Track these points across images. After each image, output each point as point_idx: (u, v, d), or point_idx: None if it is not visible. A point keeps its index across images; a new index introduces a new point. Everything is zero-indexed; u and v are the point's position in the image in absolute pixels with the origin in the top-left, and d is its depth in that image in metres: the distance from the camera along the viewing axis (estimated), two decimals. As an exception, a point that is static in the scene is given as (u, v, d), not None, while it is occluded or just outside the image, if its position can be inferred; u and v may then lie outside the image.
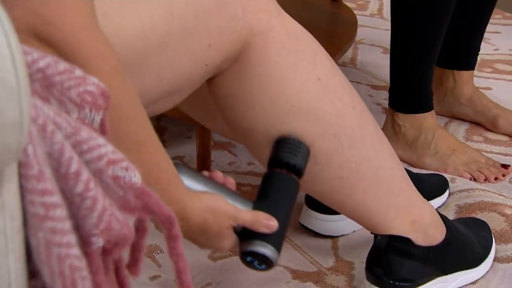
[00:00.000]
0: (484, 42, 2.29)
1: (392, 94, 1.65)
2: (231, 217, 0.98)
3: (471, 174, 1.58)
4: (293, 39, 1.06)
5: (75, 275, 0.63)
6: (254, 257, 1.02)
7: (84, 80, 0.71)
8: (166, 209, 0.70)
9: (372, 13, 2.50)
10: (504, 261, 1.33)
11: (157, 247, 1.36)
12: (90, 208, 0.65)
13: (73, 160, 0.65)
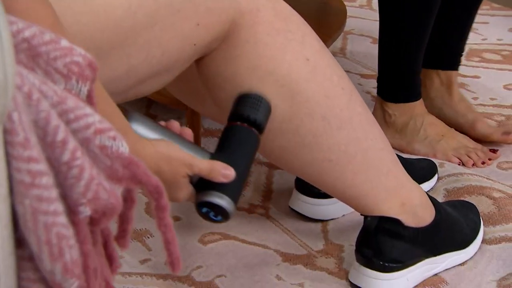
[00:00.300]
0: (473, 32, 2.29)
1: (380, 84, 1.64)
2: (187, 165, 0.93)
3: (459, 159, 1.58)
4: (282, 20, 1.05)
5: (62, 244, 0.62)
6: (210, 208, 0.98)
7: (71, 50, 0.70)
8: (154, 179, 0.69)
9: (361, 4, 2.49)
10: (492, 242, 1.32)
11: (147, 231, 1.35)
12: (77, 177, 0.64)
13: (59, 129, 0.64)
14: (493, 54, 2.17)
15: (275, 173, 1.53)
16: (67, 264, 0.63)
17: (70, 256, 0.63)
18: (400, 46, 1.57)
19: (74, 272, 0.63)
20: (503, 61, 2.13)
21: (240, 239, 1.33)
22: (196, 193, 0.98)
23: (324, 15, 1.94)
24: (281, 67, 1.05)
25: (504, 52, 2.19)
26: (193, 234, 1.34)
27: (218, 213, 0.98)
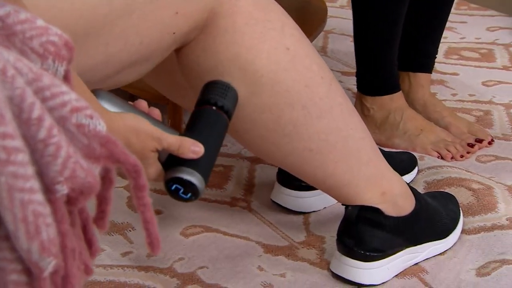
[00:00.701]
0: (451, 31, 2.31)
1: (359, 78, 1.64)
2: (155, 138, 0.90)
3: (438, 152, 1.58)
4: (260, 9, 1.04)
5: (39, 221, 0.61)
6: (179, 185, 0.94)
7: (47, 30, 0.68)
8: (132, 157, 0.67)
9: (342, 4, 2.50)
10: (471, 232, 1.32)
11: (129, 224, 1.34)
12: (54, 154, 0.63)
13: (35, 106, 0.62)
14: (472, 52, 2.18)
15: (257, 167, 1.52)
16: (44, 243, 0.61)
17: (47, 234, 0.61)
18: (373, 39, 1.57)
19: (51, 251, 0.62)
20: (481, 58, 2.13)
21: (222, 231, 1.32)
22: (165, 171, 0.95)
23: (305, 13, 1.93)
24: (261, 56, 1.03)
25: (482, 50, 2.19)
26: (175, 227, 1.33)
27: (188, 190, 0.95)
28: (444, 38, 2.12)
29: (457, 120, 1.67)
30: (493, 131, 1.70)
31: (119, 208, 1.38)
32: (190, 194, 0.95)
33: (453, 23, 2.37)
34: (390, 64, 1.59)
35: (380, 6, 1.55)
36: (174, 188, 0.95)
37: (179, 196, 0.95)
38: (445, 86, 1.94)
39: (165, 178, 0.95)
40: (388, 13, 1.55)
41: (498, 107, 1.83)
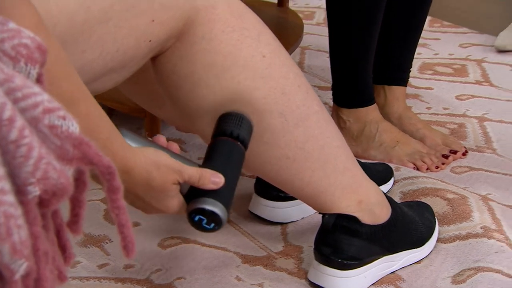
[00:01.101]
0: (425, 48, 2.31)
1: (335, 91, 1.63)
2: (176, 171, 0.92)
3: (414, 164, 1.57)
4: (237, 17, 1.03)
5: (10, 223, 0.59)
6: (202, 216, 0.95)
7: (19, 33, 0.66)
8: (105, 159, 0.66)
9: (318, 22, 2.50)
10: (447, 241, 1.30)
11: (105, 237, 1.31)
12: (26, 155, 0.61)
13: (6, 106, 0.60)
14: (445, 68, 2.18)
15: (234, 179, 1.50)
16: (15, 245, 0.59)
17: (18, 236, 0.59)
18: (349, 52, 1.57)
19: (23, 253, 0.59)
20: (455, 74, 2.14)
21: (200, 242, 1.30)
22: (187, 203, 0.96)
23: (282, 29, 1.92)
24: (237, 63, 1.02)
25: (455, 65, 2.20)
26: (152, 239, 1.31)
27: (211, 220, 0.95)
28: (418, 54, 2.13)
29: (432, 132, 1.67)
30: (467, 143, 1.69)
31: (96, 221, 1.35)
32: (213, 224, 0.96)
33: (426, 40, 2.37)
34: (365, 76, 1.58)
35: (355, 21, 1.54)
36: (197, 219, 0.96)
37: (202, 227, 0.96)
38: (420, 100, 1.93)
39: (187, 210, 0.96)
40: (363, 28, 1.55)
41: (471, 120, 1.82)
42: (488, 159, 1.62)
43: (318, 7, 2.71)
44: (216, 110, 1.04)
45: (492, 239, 1.28)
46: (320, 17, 2.56)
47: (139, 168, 0.88)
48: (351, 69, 1.58)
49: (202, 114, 1.05)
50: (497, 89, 2.03)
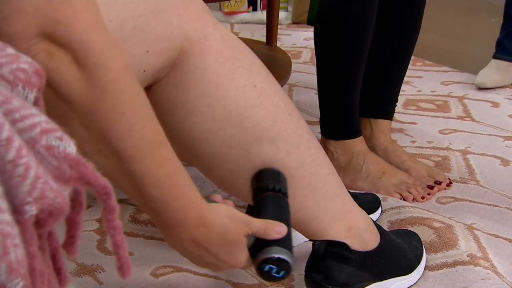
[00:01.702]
0: (409, 85, 2.32)
1: (322, 123, 1.63)
2: (246, 223, 0.92)
3: (400, 194, 1.56)
4: (229, 48, 1.02)
5: (7, 242, 0.57)
6: (272, 264, 0.95)
7: (17, 58, 0.65)
8: (102, 179, 0.64)
9: (305, 61, 2.52)
10: (434, 269, 1.29)
11: (98, 266, 1.29)
12: (23, 175, 0.59)
13: (4, 127, 0.59)
14: (428, 104, 2.19)
15: (225, 209, 1.48)
16: (11, 264, 0.57)
17: (15, 255, 0.57)
18: (336, 86, 1.57)
19: (19, 272, 0.58)
20: (437, 109, 2.14)
21: (192, 271, 1.28)
22: (252, 255, 0.96)
23: (271, 65, 1.91)
24: (229, 93, 1.01)
25: (438, 101, 2.21)
26: (145, 268, 1.28)
27: (281, 268, 0.95)
28: (402, 91, 2.13)
29: (417, 164, 1.66)
30: (451, 175, 1.69)
31: (89, 251, 1.33)
32: (283, 272, 0.95)
33: (410, 78, 2.39)
34: (352, 109, 1.58)
35: (343, 59, 1.55)
36: (267, 269, 0.95)
37: (271, 276, 0.95)
38: (405, 134, 1.94)
39: (257, 261, 0.95)
40: (350, 65, 1.55)
41: (455, 153, 1.82)
42: (472, 190, 1.62)
43: (304, 47, 2.72)
44: (208, 139, 1.03)
45: (478, 266, 1.27)
46: (306, 56, 2.57)
47: (215, 221, 0.88)
48: (338, 103, 1.58)
49: (195, 143, 1.04)
50: (479, 124, 2.03)
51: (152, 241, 1.37)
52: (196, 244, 0.89)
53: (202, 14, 1.00)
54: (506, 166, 1.75)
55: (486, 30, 3.02)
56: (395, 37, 1.66)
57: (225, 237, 0.90)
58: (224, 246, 0.91)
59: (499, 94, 2.28)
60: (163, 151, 0.81)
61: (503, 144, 1.89)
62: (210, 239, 0.90)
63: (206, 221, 0.88)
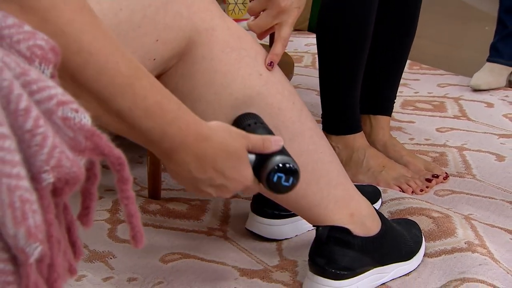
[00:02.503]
0: (406, 87, 2.32)
1: (324, 120, 1.63)
2: (244, 135, 0.88)
3: (400, 187, 1.56)
4: (236, 38, 1.02)
5: (26, 207, 0.57)
6: (279, 172, 0.90)
7: (34, 34, 0.65)
8: (116, 150, 0.64)
9: (306, 64, 2.52)
10: (433, 256, 1.28)
11: (110, 253, 1.28)
12: (40, 144, 0.59)
13: (22, 97, 0.59)
14: (425, 104, 2.19)
15: (231, 201, 1.48)
16: (30, 228, 0.57)
17: (33, 220, 0.57)
18: (337, 84, 1.57)
19: (38, 237, 0.57)
20: (434, 109, 2.14)
21: (199, 257, 1.27)
22: (259, 173, 0.91)
23: (273, 66, 1.92)
24: (236, 81, 1.01)
25: (435, 102, 2.21)
26: (154, 254, 1.28)
27: (289, 175, 0.91)
28: (400, 93, 2.14)
29: (415, 158, 1.66)
30: (448, 169, 1.69)
31: (101, 239, 1.33)
32: (292, 179, 0.92)
33: (407, 81, 2.39)
34: (352, 106, 1.58)
35: (343, 58, 1.55)
36: (276, 179, 0.91)
37: (282, 186, 0.92)
38: (403, 132, 1.93)
39: (264, 175, 0.91)
40: (350, 63, 1.55)
41: (451, 150, 1.82)
42: (468, 184, 1.62)
43: (306, 52, 2.73)
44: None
45: (476, 253, 1.26)
46: (308, 60, 2.58)
47: (215, 135, 0.84)
48: (339, 99, 1.58)
49: None
50: (474, 123, 2.03)
51: (161, 230, 1.37)
52: (201, 162, 0.84)
53: (209, 5, 1.00)
54: (501, 161, 1.75)
55: (479, 37, 3.02)
56: (394, 38, 1.67)
57: (227, 149, 0.86)
58: (228, 160, 0.86)
59: (493, 95, 2.28)
60: (144, 82, 0.76)
61: (498, 141, 1.89)
62: (214, 154, 0.85)
63: (206, 137, 0.83)
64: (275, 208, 1.32)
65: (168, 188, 1.53)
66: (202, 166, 0.84)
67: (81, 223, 0.69)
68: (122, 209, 0.68)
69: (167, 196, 1.50)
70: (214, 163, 0.85)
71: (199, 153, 0.83)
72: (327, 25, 1.54)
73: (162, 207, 1.45)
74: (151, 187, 1.50)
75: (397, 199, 1.48)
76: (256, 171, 0.91)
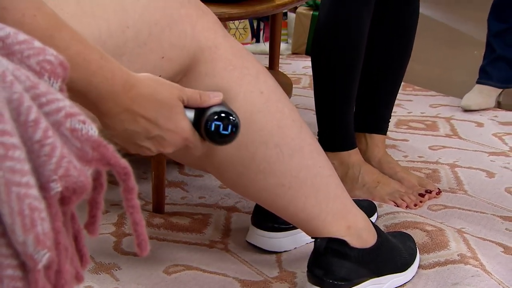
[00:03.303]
0: (400, 107, 2.32)
1: (320, 137, 1.63)
2: (176, 86, 0.84)
3: (394, 202, 1.55)
4: (238, 57, 1.02)
5: (35, 215, 0.56)
6: (216, 121, 0.86)
7: (43, 50, 0.65)
8: (122, 161, 0.63)
9: (304, 86, 2.52)
10: (427, 267, 1.27)
11: (115, 265, 1.27)
12: (49, 154, 0.58)
13: (32, 109, 0.58)
14: (418, 123, 2.18)
15: (233, 215, 1.47)
16: (39, 236, 0.56)
17: (42, 228, 0.56)
18: (332, 103, 1.57)
19: (46, 244, 0.57)
20: (427, 128, 2.14)
21: (202, 269, 1.26)
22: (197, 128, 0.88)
23: (272, 86, 1.92)
24: (237, 98, 1.01)
25: (427, 122, 2.20)
26: (158, 266, 1.27)
27: (227, 123, 0.87)
28: (394, 113, 2.13)
29: (409, 174, 1.65)
30: (441, 185, 1.68)
31: (106, 251, 1.32)
32: (231, 126, 0.87)
33: (401, 101, 2.38)
34: (347, 123, 1.58)
35: (337, 77, 1.55)
36: (214, 128, 0.87)
37: (222, 135, 0.87)
38: (397, 149, 1.93)
39: (204, 120, 0.86)
40: (344, 82, 1.55)
41: (444, 167, 1.81)
42: (460, 199, 1.61)
43: (303, 74, 2.73)
44: None
45: (468, 265, 1.25)
46: (305, 82, 2.58)
47: (143, 83, 0.80)
48: (334, 117, 1.58)
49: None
50: (465, 141, 2.02)
51: (164, 242, 1.35)
52: (130, 111, 0.80)
53: (214, 25, 1.00)
54: (491, 178, 1.74)
55: (469, 61, 3.03)
56: (390, 61, 1.67)
57: (157, 98, 0.82)
58: (159, 110, 0.82)
59: (483, 115, 2.28)
60: (64, 33, 0.73)
61: (488, 158, 1.88)
62: (143, 103, 0.81)
63: (133, 84, 0.79)
64: (275, 221, 1.31)
65: (171, 203, 1.53)
66: (132, 115, 0.80)
67: (88, 231, 0.69)
68: (127, 221, 0.67)
69: (171, 210, 1.49)
70: (145, 111, 0.81)
71: (127, 101, 0.79)
72: (321, 44, 1.54)
73: (166, 221, 1.44)
74: (155, 201, 1.49)
75: (392, 213, 1.47)
76: (197, 126, 0.87)
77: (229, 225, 1.43)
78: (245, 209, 1.49)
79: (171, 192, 1.57)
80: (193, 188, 1.59)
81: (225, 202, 1.52)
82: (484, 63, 2.39)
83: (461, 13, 4.20)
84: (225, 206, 1.50)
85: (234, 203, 1.52)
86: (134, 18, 0.92)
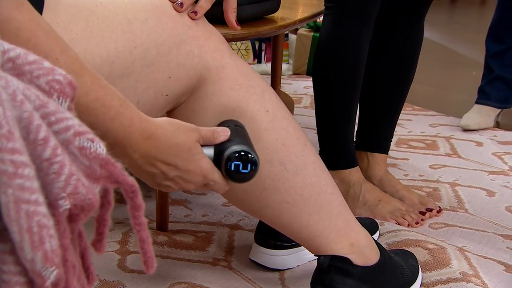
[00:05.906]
0: (400, 127, 2.32)
1: (322, 156, 1.61)
2: (193, 128, 0.84)
3: (396, 220, 1.54)
4: (244, 76, 1.02)
5: (43, 232, 0.56)
6: (236, 160, 0.87)
7: (53, 70, 0.65)
8: (129, 179, 0.63)
9: (305, 105, 2.53)
10: (429, 285, 1.26)
11: (119, 282, 1.26)
12: (58, 172, 0.58)
13: (41, 128, 0.58)
14: (418, 143, 2.18)
15: (236, 232, 1.47)
16: (47, 253, 0.56)
17: (50, 245, 0.56)
18: (333, 122, 1.56)
19: (54, 261, 0.56)
20: (427, 147, 2.13)
21: (205, 286, 1.25)
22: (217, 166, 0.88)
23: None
24: (244, 117, 1.01)
25: (427, 141, 2.20)
26: (162, 283, 1.26)
27: (245, 162, 0.87)
28: (395, 132, 2.13)
29: (410, 193, 1.65)
30: (442, 204, 1.67)
31: (111, 269, 1.31)
32: (250, 165, 0.88)
33: (401, 121, 2.38)
34: (348, 142, 1.58)
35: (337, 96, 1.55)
36: (234, 168, 0.87)
37: (242, 174, 0.88)
38: (398, 168, 1.92)
39: (224, 160, 0.87)
40: (344, 101, 1.55)
41: (444, 185, 1.81)
42: (461, 217, 1.60)
43: (304, 94, 2.73)
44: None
45: (470, 283, 1.25)
46: (306, 101, 2.58)
47: (161, 130, 0.80)
48: (335, 137, 1.58)
49: None
50: (465, 160, 2.02)
51: (168, 260, 1.35)
52: (148, 158, 0.80)
53: (220, 45, 1.00)
54: (491, 196, 1.74)
55: (467, 81, 3.03)
56: (393, 82, 1.67)
57: (175, 143, 0.82)
58: (178, 154, 0.83)
59: (482, 135, 2.28)
60: (86, 78, 0.73)
61: (488, 177, 1.87)
62: (161, 149, 0.81)
63: (151, 133, 0.79)
64: (278, 239, 1.30)
65: (175, 221, 1.52)
66: (150, 162, 0.81)
67: (95, 248, 0.68)
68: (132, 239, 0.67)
69: (175, 228, 1.49)
70: (163, 157, 0.82)
71: (144, 150, 0.79)
72: (322, 63, 1.55)
73: (170, 239, 1.43)
74: (159, 219, 1.48)
75: (394, 231, 1.46)
76: (218, 165, 0.88)
77: (233, 243, 1.42)
78: (248, 227, 1.48)
79: (174, 210, 1.57)
80: (197, 206, 1.59)
81: (228, 220, 1.52)
82: (482, 84, 2.39)
83: (459, 35, 4.22)
84: (228, 224, 1.49)
85: (237, 220, 1.52)
86: (142, 39, 0.92)
